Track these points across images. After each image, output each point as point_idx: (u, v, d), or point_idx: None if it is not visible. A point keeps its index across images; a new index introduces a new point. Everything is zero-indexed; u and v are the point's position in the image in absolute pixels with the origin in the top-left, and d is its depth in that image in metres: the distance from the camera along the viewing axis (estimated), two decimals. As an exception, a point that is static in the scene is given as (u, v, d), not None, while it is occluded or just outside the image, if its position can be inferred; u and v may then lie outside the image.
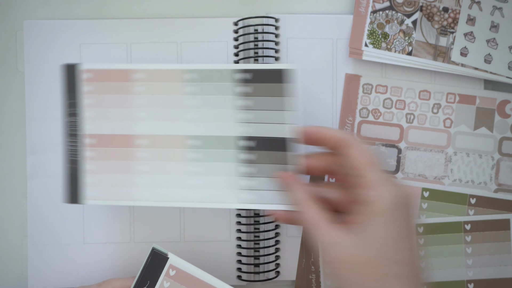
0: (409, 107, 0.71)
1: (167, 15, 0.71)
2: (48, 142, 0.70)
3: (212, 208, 0.67)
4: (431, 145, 0.71)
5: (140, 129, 0.64)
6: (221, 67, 0.62)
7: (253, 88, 0.61)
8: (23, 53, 0.71)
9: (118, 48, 0.70)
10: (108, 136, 0.64)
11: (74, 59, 0.70)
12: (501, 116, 0.71)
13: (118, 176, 0.64)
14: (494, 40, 0.70)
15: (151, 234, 0.70)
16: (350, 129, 0.71)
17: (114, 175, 0.64)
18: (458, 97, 0.71)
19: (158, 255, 0.60)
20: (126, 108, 0.64)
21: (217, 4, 0.71)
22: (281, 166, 0.61)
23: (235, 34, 0.70)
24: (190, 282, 0.59)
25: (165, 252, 0.61)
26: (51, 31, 0.70)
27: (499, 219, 0.68)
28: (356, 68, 0.71)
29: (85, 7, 0.71)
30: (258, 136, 0.62)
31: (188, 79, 0.62)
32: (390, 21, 0.70)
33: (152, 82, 0.63)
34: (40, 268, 0.70)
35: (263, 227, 0.70)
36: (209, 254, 0.70)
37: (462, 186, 0.70)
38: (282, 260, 0.70)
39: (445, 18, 0.70)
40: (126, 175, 0.64)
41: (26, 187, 0.70)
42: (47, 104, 0.70)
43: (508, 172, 0.70)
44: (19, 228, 0.71)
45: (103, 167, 0.64)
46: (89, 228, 0.70)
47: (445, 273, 0.69)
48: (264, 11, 0.71)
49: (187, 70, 0.62)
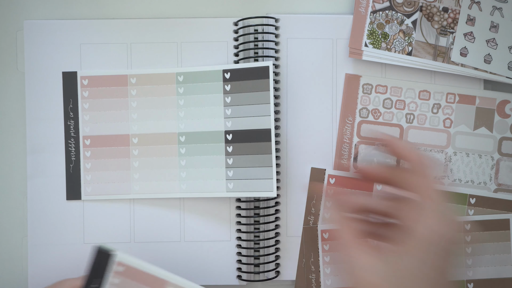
0: (409, 107, 0.71)
1: (167, 15, 0.71)
2: (48, 142, 0.70)
3: (209, 204, 0.70)
4: (431, 145, 0.71)
5: (135, 129, 0.70)
6: (210, 69, 0.69)
7: (235, 86, 0.68)
8: (23, 53, 0.71)
9: (118, 48, 0.70)
10: (105, 137, 0.70)
11: (74, 59, 0.70)
12: (501, 116, 0.71)
13: (115, 173, 0.70)
14: (494, 40, 0.70)
15: (151, 234, 0.70)
16: (350, 129, 0.71)
17: (111, 172, 0.70)
18: (458, 97, 0.71)
19: (103, 253, 0.60)
20: (122, 110, 0.70)
21: (217, 4, 0.71)
22: (262, 156, 0.67)
23: (235, 34, 0.70)
24: (141, 278, 0.60)
25: (111, 249, 0.60)
26: (51, 31, 0.70)
27: (499, 219, 0.68)
28: (356, 68, 0.71)
29: (85, 7, 0.71)
30: (240, 129, 0.68)
31: (180, 80, 0.69)
32: (390, 21, 0.70)
33: (145, 86, 0.69)
34: (40, 268, 0.70)
35: (263, 227, 0.70)
36: (209, 254, 0.70)
37: (462, 186, 0.70)
38: (282, 260, 0.70)
39: (445, 18, 0.70)
40: (122, 171, 0.69)
41: (26, 187, 0.70)
42: (47, 104, 0.70)
43: (507, 172, 0.71)
44: (19, 228, 0.71)
45: (101, 165, 0.70)
46: (89, 228, 0.70)
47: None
48: (264, 11, 0.71)
49: (179, 73, 0.69)
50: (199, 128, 0.69)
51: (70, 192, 0.70)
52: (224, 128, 0.68)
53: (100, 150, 0.70)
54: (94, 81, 0.70)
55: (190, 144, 0.69)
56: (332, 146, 0.71)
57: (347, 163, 0.71)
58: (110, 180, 0.70)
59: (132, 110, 0.70)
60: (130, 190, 0.70)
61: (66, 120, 0.70)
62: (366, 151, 0.71)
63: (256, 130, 0.68)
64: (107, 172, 0.70)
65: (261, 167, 0.67)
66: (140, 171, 0.70)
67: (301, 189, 0.70)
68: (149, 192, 0.70)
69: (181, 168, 0.69)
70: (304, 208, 0.70)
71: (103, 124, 0.70)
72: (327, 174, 0.70)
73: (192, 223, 0.70)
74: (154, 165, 0.70)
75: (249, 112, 0.68)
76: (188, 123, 0.69)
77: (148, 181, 0.70)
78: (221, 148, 0.68)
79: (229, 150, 0.68)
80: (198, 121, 0.69)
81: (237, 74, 0.68)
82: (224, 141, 0.68)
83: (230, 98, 0.68)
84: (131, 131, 0.70)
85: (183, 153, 0.69)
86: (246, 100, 0.68)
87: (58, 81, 0.70)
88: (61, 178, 0.70)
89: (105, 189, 0.70)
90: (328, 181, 0.70)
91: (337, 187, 0.67)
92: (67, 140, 0.70)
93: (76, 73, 0.70)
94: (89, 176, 0.70)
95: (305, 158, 0.70)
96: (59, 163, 0.70)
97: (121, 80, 0.70)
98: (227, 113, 0.68)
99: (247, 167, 0.68)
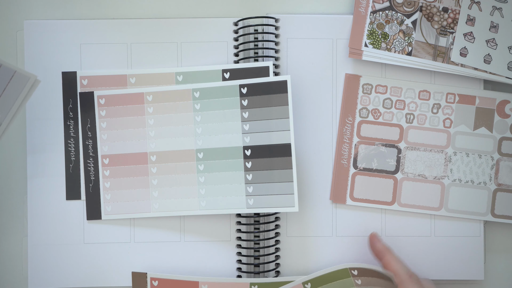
0: (409, 107, 0.71)
1: (167, 15, 0.71)
2: (48, 142, 0.70)
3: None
4: (430, 145, 0.71)
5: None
6: (210, 68, 0.69)
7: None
8: (23, 53, 0.71)
9: (118, 48, 0.70)
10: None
11: (74, 59, 0.70)
12: (501, 116, 0.71)
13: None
14: (494, 40, 0.70)
15: (151, 234, 0.70)
16: (350, 129, 0.71)
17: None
18: (457, 97, 0.71)
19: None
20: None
21: (217, 4, 0.71)
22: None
23: (235, 34, 0.70)
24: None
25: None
26: (51, 31, 0.70)
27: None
28: (356, 68, 0.71)
29: (85, 7, 0.71)
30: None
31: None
32: (390, 21, 0.70)
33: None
34: (40, 268, 0.70)
35: (263, 227, 0.70)
36: (209, 254, 0.70)
37: (462, 186, 0.71)
38: (282, 260, 0.70)
39: (445, 18, 0.70)
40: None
41: (26, 187, 0.70)
42: (47, 104, 0.70)
43: (507, 172, 0.71)
44: (19, 228, 0.71)
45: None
46: (89, 228, 0.70)
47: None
48: (264, 11, 0.71)
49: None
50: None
51: (69, 193, 0.70)
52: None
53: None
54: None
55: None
56: (332, 146, 0.71)
57: (347, 163, 0.71)
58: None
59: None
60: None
61: (66, 120, 0.70)
62: (366, 152, 0.71)
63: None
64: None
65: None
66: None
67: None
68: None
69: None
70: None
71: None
72: (149, 277, 0.68)
73: (192, 223, 0.70)
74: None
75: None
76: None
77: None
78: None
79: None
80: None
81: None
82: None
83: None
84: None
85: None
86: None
87: (58, 81, 0.70)
88: (61, 178, 0.70)
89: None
90: (151, 284, 0.68)
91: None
92: (67, 140, 0.70)
93: (75, 73, 0.70)
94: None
95: (305, 158, 0.70)
96: (59, 163, 0.70)
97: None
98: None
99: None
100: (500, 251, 0.72)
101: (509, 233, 0.72)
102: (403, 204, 0.70)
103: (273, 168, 0.67)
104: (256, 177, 0.67)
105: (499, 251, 0.72)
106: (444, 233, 0.71)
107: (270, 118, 0.67)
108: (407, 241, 0.70)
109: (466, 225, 0.71)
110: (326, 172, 0.71)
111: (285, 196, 0.67)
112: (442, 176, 0.70)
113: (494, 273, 0.72)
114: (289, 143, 0.66)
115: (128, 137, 0.69)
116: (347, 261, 0.70)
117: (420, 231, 0.71)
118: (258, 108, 0.67)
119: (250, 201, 0.68)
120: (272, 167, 0.67)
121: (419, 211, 0.70)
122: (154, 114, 0.69)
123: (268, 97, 0.67)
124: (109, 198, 0.70)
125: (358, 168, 0.70)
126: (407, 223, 0.71)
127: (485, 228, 0.71)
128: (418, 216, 0.71)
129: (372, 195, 0.70)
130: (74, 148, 0.70)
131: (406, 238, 0.71)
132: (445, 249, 0.71)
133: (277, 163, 0.67)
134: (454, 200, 0.70)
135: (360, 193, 0.70)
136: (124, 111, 0.69)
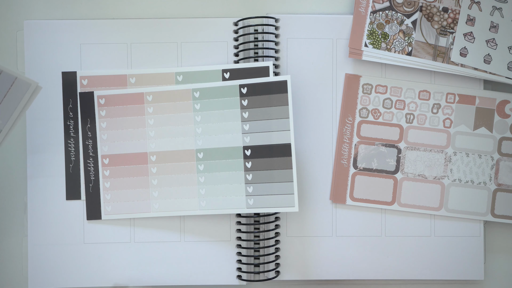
0: (408, 107, 0.71)
1: (167, 15, 0.71)
2: (48, 142, 0.70)
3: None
4: (430, 145, 0.71)
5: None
6: (210, 68, 0.69)
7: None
8: (23, 53, 0.71)
9: (118, 48, 0.70)
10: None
11: (74, 59, 0.70)
12: (501, 116, 0.71)
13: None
14: (494, 40, 0.70)
15: (151, 234, 0.70)
16: (350, 129, 0.71)
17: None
18: (457, 97, 0.71)
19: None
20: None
21: (217, 4, 0.71)
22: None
23: (235, 34, 0.70)
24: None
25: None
26: (51, 31, 0.70)
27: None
28: (356, 68, 0.71)
29: (85, 7, 0.71)
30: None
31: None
32: (390, 21, 0.70)
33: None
34: (40, 268, 0.70)
35: (263, 227, 0.70)
36: (209, 254, 0.70)
37: (462, 186, 0.71)
38: (282, 260, 0.70)
39: (445, 18, 0.70)
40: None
41: (27, 187, 0.70)
42: (47, 104, 0.70)
43: (507, 172, 0.71)
44: (19, 228, 0.71)
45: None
46: (89, 228, 0.70)
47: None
48: (264, 11, 0.71)
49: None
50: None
51: (69, 193, 0.70)
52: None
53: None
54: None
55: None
56: (332, 146, 0.71)
57: (347, 163, 0.71)
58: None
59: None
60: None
61: (66, 120, 0.70)
62: (365, 152, 0.71)
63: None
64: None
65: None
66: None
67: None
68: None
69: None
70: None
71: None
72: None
73: (192, 223, 0.70)
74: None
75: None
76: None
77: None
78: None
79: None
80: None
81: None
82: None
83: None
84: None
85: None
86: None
87: (58, 81, 0.70)
88: (61, 178, 0.70)
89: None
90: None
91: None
92: (67, 140, 0.70)
93: (75, 73, 0.70)
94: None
95: (305, 158, 0.70)
96: (59, 163, 0.70)
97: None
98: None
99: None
100: (500, 251, 0.72)
101: (509, 233, 0.72)
102: (403, 204, 0.70)
103: (273, 168, 0.67)
104: (256, 177, 0.67)
105: (499, 251, 0.72)
106: (444, 233, 0.71)
107: (270, 118, 0.67)
108: (407, 241, 0.70)
109: (466, 225, 0.71)
110: (326, 172, 0.71)
111: (285, 196, 0.67)
112: (442, 176, 0.71)
113: (494, 273, 0.72)
114: (289, 143, 0.66)
115: (128, 137, 0.70)
116: (347, 260, 0.70)
117: (420, 231, 0.71)
118: (258, 108, 0.67)
119: (250, 201, 0.68)
120: (272, 167, 0.67)
121: (419, 211, 0.70)
122: (154, 114, 0.69)
123: (268, 97, 0.67)
124: (109, 198, 0.70)
125: (358, 168, 0.71)
126: (407, 223, 0.71)
127: (485, 228, 0.71)
128: (418, 216, 0.71)
129: (372, 195, 0.70)
130: (74, 148, 0.70)
131: (406, 238, 0.71)
132: (445, 249, 0.71)
133: (277, 163, 0.67)
134: (454, 200, 0.70)
135: (360, 193, 0.70)
136: (124, 111, 0.69)
